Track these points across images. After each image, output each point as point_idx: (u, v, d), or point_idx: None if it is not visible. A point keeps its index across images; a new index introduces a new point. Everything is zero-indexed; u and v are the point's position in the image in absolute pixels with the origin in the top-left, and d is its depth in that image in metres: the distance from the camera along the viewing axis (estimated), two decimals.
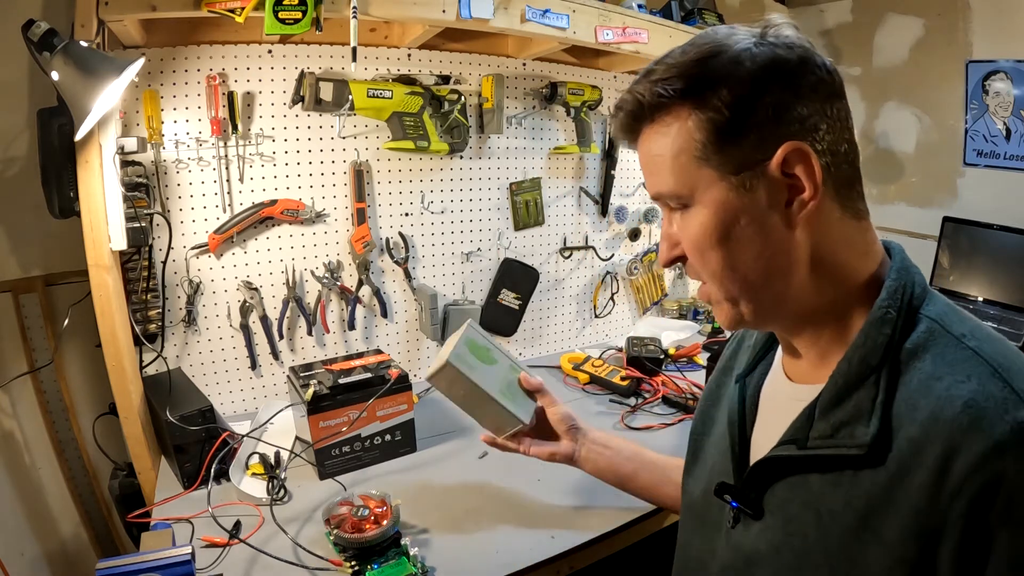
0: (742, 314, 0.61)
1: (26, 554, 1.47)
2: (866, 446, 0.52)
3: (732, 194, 0.56)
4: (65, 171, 1.12)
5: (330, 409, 1.18)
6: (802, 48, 0.56)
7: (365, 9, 1.18)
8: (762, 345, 0.74)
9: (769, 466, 0.61)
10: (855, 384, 0.55)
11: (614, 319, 2.05)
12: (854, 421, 0.54)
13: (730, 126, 0.54)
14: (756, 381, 0.71)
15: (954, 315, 0.56)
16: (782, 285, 0.58)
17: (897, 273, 0.58)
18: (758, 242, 0.57)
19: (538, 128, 1.77)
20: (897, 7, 2.32)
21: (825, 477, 0.55)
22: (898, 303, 0.56)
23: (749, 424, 0.69)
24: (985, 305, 2.04)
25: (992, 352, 0.51)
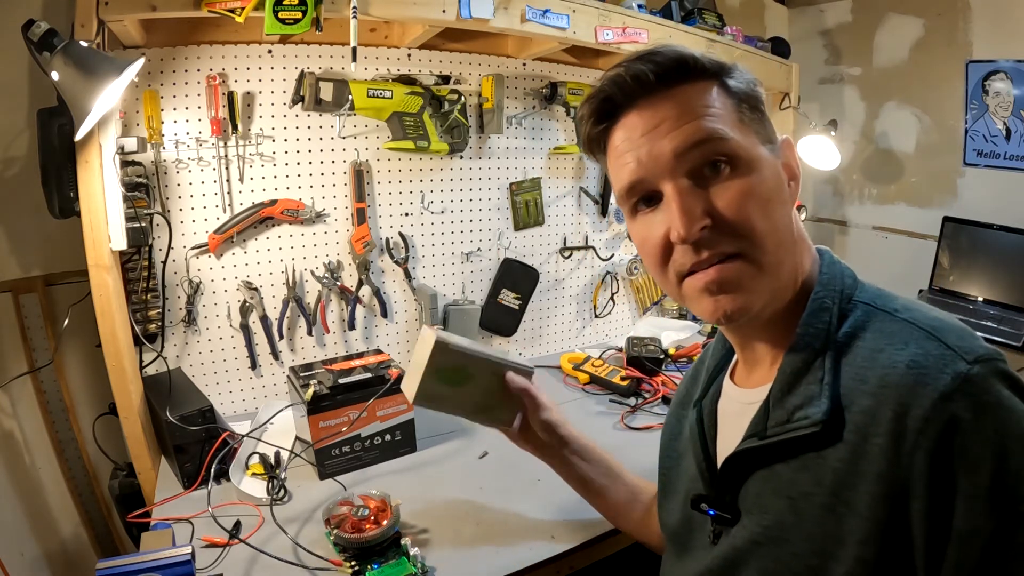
0: (760, 291, 0.59)
1: (26, 554, 1.47)
2: (820, 423, 0.55)
3: (773, 159, 0.61)
4: (65, 171, 1.12)
5: (330, 409, 1.18)
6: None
7: (365, 9, 1.18)
8: (714, 368, 0.77)
9: (736, 463, 0.63)
10: (802, 371, 0.58)
11: (614, 319, 2.05)
12: (806, 404, 0.57)
13: (752, 106, 0.62)
14: (711, 401, 0.74)
15: (884, 297, 0.60)
16: (790, 258, 0.61)
17: (828, 268, 0.63)
18: (788, 209, 0.61)
19: (538, 128, 1.77)
20: (897, 7, 2.32)
21: (791, 464, 0.58)
22: (832, 293, 0.61)
23: (711, 442, 0.71)
24: (985, 305, 2.04)
25: (924, 319, 0.55)
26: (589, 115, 0.64)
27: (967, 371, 0.49)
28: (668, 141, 0.58)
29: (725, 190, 0.57)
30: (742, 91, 0.61)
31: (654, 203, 0.61)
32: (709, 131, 0.58)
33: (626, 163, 0.61)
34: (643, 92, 0.60)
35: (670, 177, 0.58)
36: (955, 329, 0.54)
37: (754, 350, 0.67)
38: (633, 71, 0.59)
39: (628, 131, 0.61)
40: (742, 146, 0.58)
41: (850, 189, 2.59)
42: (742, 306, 0.59)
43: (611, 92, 0.61)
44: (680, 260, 0.59)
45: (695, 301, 0.61)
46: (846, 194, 2.61)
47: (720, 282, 0.58)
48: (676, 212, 0.57)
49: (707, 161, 0.58)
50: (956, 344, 0.51)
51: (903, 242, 2.44)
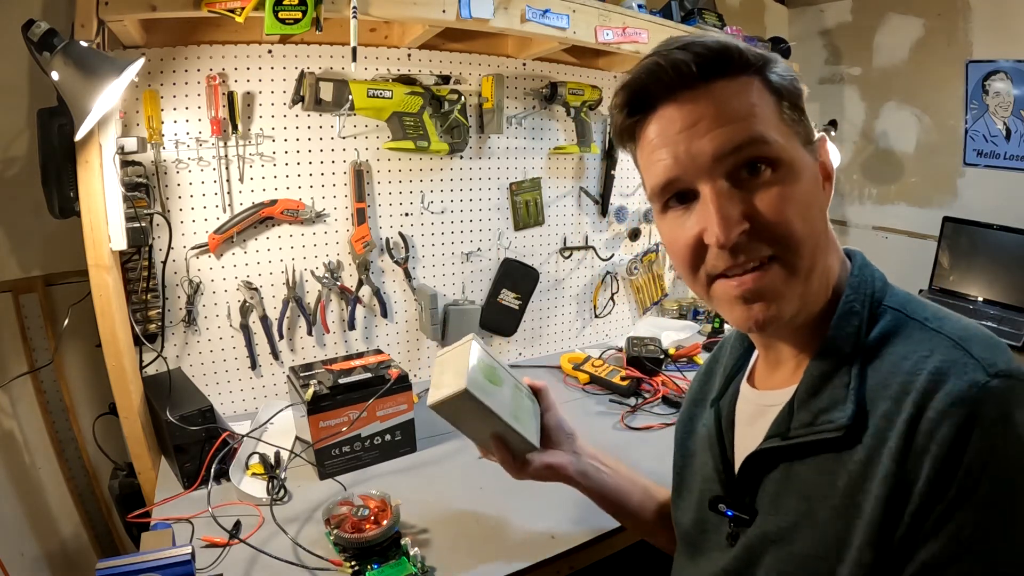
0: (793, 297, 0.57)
1: (26, 554, 1.47)
2: (843, 428, 0.54)
3: (812, 162, 0.59)
4: (65, 171, 1.12)
5: (330, 409, 1.18)
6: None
7: (365, 9, 1.18)
8: (732, 367, 0.75)
9: (756, 462, 0.62)
10: (829, 374, 0.58)
11: (614, 319, 2.05)
12: (831, 408, 0.56)
13: (793, 101, 0.59)
14: (729, 402, 0.73)
15: (915, 303, 0.59)
16: (823, 261, 0.59)
17: (859, 271, 0.62)
18: (824, 213, 0.60)
19: (538, 128, 1.77)
20: (897, 7, 2.32)
21: (810, 464, 0.57)
22: (862, 297, 0.59)
23: (728, 443, 0.70)
24: (985, 305, 2.04)
25: (952, 328, 0.54)
26: (623, 104, 0.61)
27: (985, 382, 0.48)
28: (708, 141, 0.55)
29: (765, 194, 0.55)
30: (784, 87, 0.58)
31: (688, 201, 0.59)
32: (752, 134, 0.55)
33: (661, 159, 0.58)
34: (682, 84, 0.57)
35: (708, 178, 0.56)
36: (983, 340, 0.52)
37: (778, 352, 0.66)
38: (672, 60, 0.56)
39: (664, 125, 0.58)
40: (784, 149, 0.56)
41: (850, 189, 2.59)
42: (775, 315, 0.57)
43: (648, 82, 0.58)
44: (713, 263, 0.58)
45: (726, 306, 0.59)
46: (846, 194, 2.61)
47: (757, 290, 0.56)
48: (714, 215, 0.55)
49: (747, 163, 0.56)
50: (981, 355, 0.50)
51: (903, 242, 2.44)
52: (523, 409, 0.86)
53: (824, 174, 0.61)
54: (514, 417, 0.82)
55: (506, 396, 0.83)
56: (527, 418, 0.86)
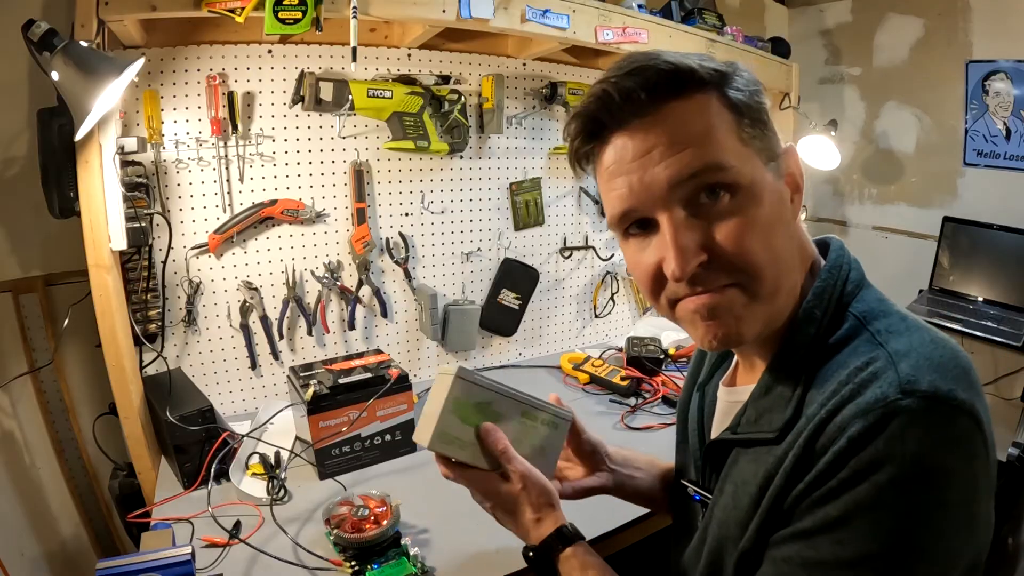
0: (755, 319, 0.57)
1: (26, 554, 1.47)
2: (778, 430, 0.57)
3: (773, 181, 0.57)
4: (65, 171, 1.12)
5: (330, 409, 1.18)
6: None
7: (365, 9, 1.18)
8: (719, 355, 0.77)
9: (713, 450, 0.67)
10: (779, 379, 0.59)
11: (614, 319, 2.05)
12: (774, 409, 0.58)
13: (754, 117, 0.57)
14: (713, 389, 0.76)
15: (877, 312, 0.58)
16: (789, 283, 0.59)
17: (828, 273, 0.60)
18: (790, 230, 0.59)
19: (538, 128, 1.77)
20: (897, 7, 2.32)
21: (748, 455, 0.61)
22: (824, 303, 0.59)
23: (708, 428, 0.74)
24: (985, 305, 2.04)
25: (896, 344, 0.53)
26: (576, 133, 0.60)
27: (895, 398, 0.48)
28: (662, 169, 0.54)
29: (724, 224, 0.54)
30: (743, 102, 0.56)
31: (647, 228, 0.58)
32: (707, 161, 0.53)
33: (616, 188, 0.57)
34: (633, 111, 0.55)
35: (664, 207, 0.55)
36: (923, 360, 0.50)
37: (751, 358, 0.67)
38: (621, 88, 0.54)
39: (618, 153, 0.56)
40: (742, 173, 0.54)
41: (850, 189, 2.59)
42: (735, 333, 0.57)
43: (597, 111, 0.57)
44: (673, 289, 0.57)
45: (688, 324, 0.60)
46: (846, 194, 2.61)
47: (712, 308, 0.56)
48: (671, 248, 0.54)
49: (705, 188, 0.54)
50: (906, 373, 0.49)
51: (903, 242, 2.44)
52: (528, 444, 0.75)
53: (792, 187, 0.60)
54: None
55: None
56: (533, 455, 0.74)
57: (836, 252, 0.63)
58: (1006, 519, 1.31)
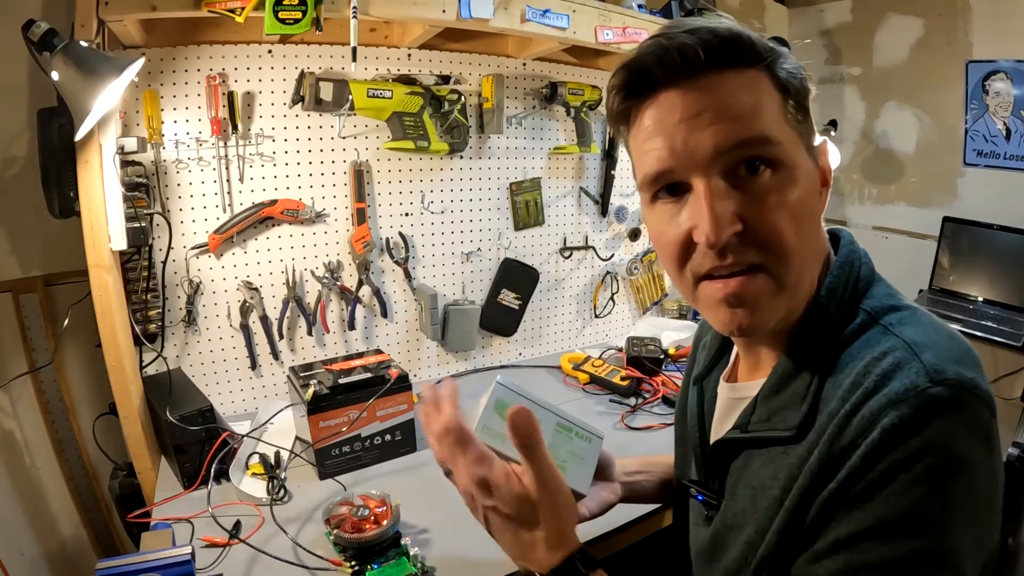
0: (777, 309, 0.56)
1: (26, 554, 1.47)
2: (794, 428, 0.55)
3: (812, 167, 0.57)
4: (65, 171, 1.12)
5: (330, 409, 1.18)
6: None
7: (365, 9, 1.18)
8: (716, 348, 0.76)
9: (720, 451, 0.65)
10: (792, 374, 0.58)
11: (614, 319, 2.05)
12: (788, 407, 0.57)
13: (800, 100, 0.56)
14: (713, 384, 0.74)
15: (890, 306, 0.58)
16: (811, 275, 0.58)
17: (839, 269, 0.60)
18: (818, 222, 0.58)
19: (538, 128, 1.77)
20: (897, 7, 2.32)
21: (762, 456, 0.59)
22: (836, 299, 0.58)
23: (708, 425, 0.72)
24: (985, 305, 2.04)
25: (912, 334, 0.53)
26: (621, 85, 0.58)
27: (925, 387, 0.47)
28: (710, 135, 0.52)
29: (762, 197, 0.53)
30: (792, 84, 0.56)
31: (679, 194, 0.56)
32: (756, 133, 0.52)
33: (655, 148, 0.55)
34: (687, 71, 0.53)
35: (704, 173, 0.53)
36: (940, 348, 0.51)
37: (758, 353, 0.66)
38: (679, 44, 0.53)
39: (663, 112, 0.55)
40: (787, 151, 0.54)
41: (850, 189, 2.60)
42: (758, 323, 0.56)
43: (650, 64, 0.54)
44: (700, 261, 0.56)
45: (710, 308, 0.58)
46: (846, 194, 2.61)
47: (740, 296, 0.55)
48: (707, 213, 0.52)
49: (747, 161, 0.53)
50: (930, 361, 0.49)
51: (903, 242, 2.44)
52: (565, 451, 0.79)
53: (823, 180, 0.59)
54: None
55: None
56: (570, 461, 0.79)
57: (847, 247, 0.62)
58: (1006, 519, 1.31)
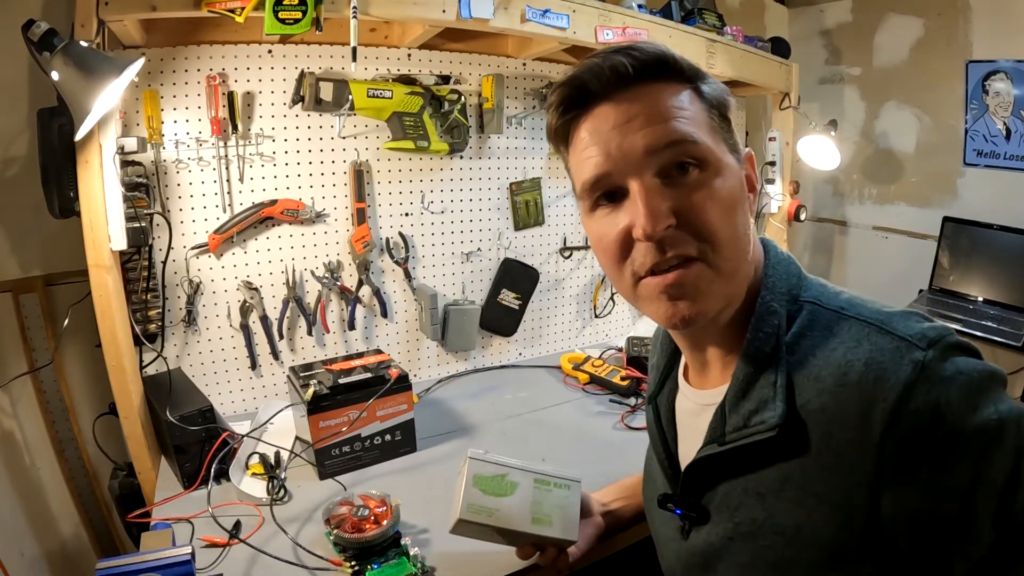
0: (717, 296, 0.59)
1: (26, 554, 1.47)
2: (776, 427, 0.56)
3: (738, 168, 0.62)
4: (65, 171, 1.12)
5: (330, 409, 1.18)
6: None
7: (365, 9, 1.18)
8: (664, 365, 0.78)
9: (700, 468, 0.65)
10: (754, 376, 0.59)
11: (614, 319, 2.05)
12: (761, 408, 0.58)
13: (722, 115, 0.62)
14: (667, 399, 0.76)
15: (828, 293, 0.61)
16: (745, 264, 0.61)
17: (774, 268, 0.64)
18: (747, 217, 0.62)
19: (538, 128, 1.77)
20: (897, 7, 2.32)
21: (757, 465, 0.59)
22: (779, 296, 0.61)
23: (671, 440, 0.73)
24: (985, 305, 2.04)
25: (870, 313, 0.56)
26: (559, 102, 0.62)
27: (923, 358, 0.51)
28: (640, 137, 0.57)
29: (692, 191, 0.57)
30: (714, 98, 0.61)
31: (616, 200, 0.60)
32: (683, 133, 0.57)
33: (592, 156, 0.59)
34: (619, 84, 0.58)
35: (637, 174, 0.57)
36: (901, 317, 0.55)
37: (704, 353, 0.67)
38: (612, 62, 0.58)
39: (598, 123, 0.59)
40: (712, 151, 0.58)
41: (850, 189, 2.59)
42: (699, 311, 0.59)
43: (586, 80, 0.59)
44: (640, 260, 0.58)
45: (650, 303, 0.61)
46: (846, 194, 2.61)
47: (680, 285, 0.58)
48: (642, 209, 0.56)
49: (677, 162, 0.57)
50: (907, 333, 0.53)
51: (903, 242, 2.44)
52: (548, 505, 0.84)
53: (749, 185, 0.64)
54: (533, 520, 0.82)
55: (520, 502, 0.82)
56: (555, 513, 0.84)
57: (775, 249, 0.67)
58: None
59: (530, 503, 0.83)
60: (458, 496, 0.82)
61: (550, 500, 0.84)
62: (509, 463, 0.85)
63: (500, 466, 0.84)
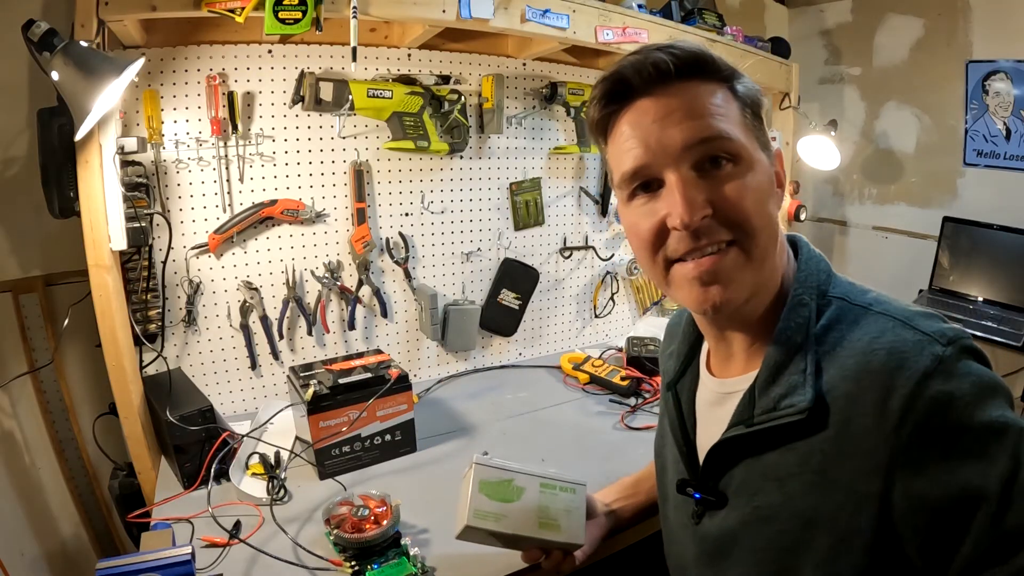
0: (747, 283, 0.61)
1: (26, 554, 1.47)
2: (806, 410, 0.58)
3: (768, 164, 0.64)
4: (65, 171, 1.12)
5: (330, 409, 1.18)
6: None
7: (365, 9, 1.18)
8: (686, 353, 0.79)
9: (724, 450, 0.66)
10: (785, 362, 0.61)
11: (614, 319, 2.05)
12: (791, 393, 0.60)
13: (755, 112, 0.65)
14: (688, 387, 0.77)
15: (856, 291, 0.64)
16: (774, 253, 0.64)
17: (805, 264, 0.66)
18: (777, 211, 0.64)
19: (538, 128, 1.77)
20: (897, 7, 2.32)
21: (779, 450, 0.61)
22: (810, 290, 0.64)
23: (691, 428, 0.75)
24: (985, 305, 2.04)
25: (895, 310, 0.59)
26: (602, 95, 0.65)
27: (942, 353, 0.53)
28: (679, 131, 0.60)
29: (727, 184, 0.60)
30: (749, 97, 0.64)
31: (652, 190, 0.63)
32: (719, 129, 0.60)
33: (632, 148, 0.62)
34: (660, 80, 0.61)
35: (675, 166, 0.60)
36: (925, 316, 0.58)
37: (729, 343, 0.69)
38: (653, 59, 0.61)
39: (638, 116, 0.62)
40: (745, 147, 0.61)
41: (850, 189, 2.59)
42: (730, 297, 0.61)
43: (629, 75, 0.62)
44: (675, 246, 0.61)
45: (683, 289, 0.63)
46: (846, 194, 2.61)
47: (714, 272, 0.60)
48: (679, 199, 0.59)
49: (712, 155, 0.60)
50: (930, 330, 0.55)
51: (903, 242, 2.44)
52: (555, 509, 0.84)
53: (778, 182, 0.66)
54: (540, 525, 0.82)
55: (526, 506, 0.82)
56: (561, 516, 0.84)
57: (807, 247, 0.69)
58: None
59: (537, 507, 0.83)
60: (464, 502, 0.81)
61: (556, 504, 0.84)
62: (515, 468, 0.85)
63: (506, 471, 0.84)
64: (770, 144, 0.66)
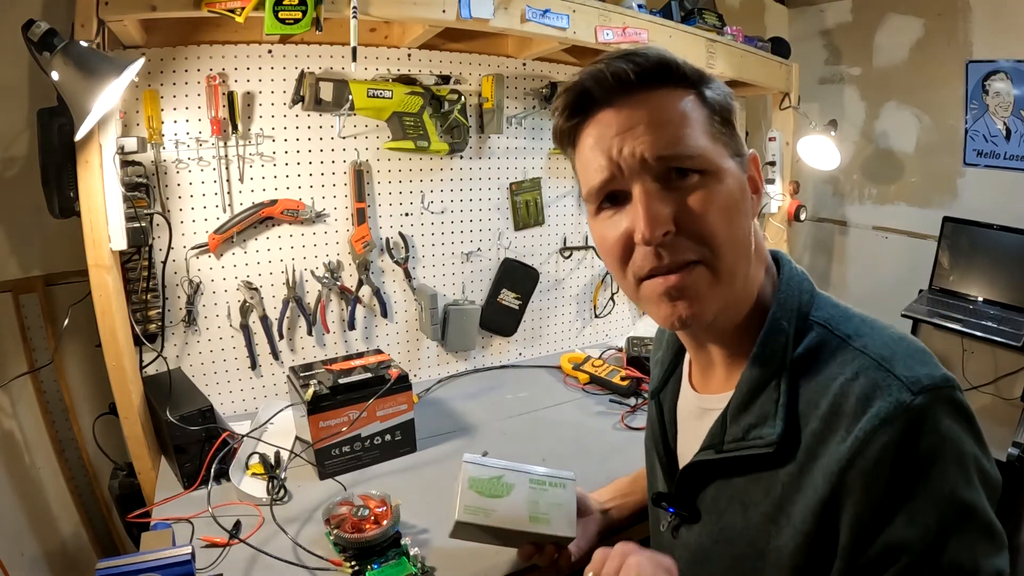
0: (715, 298, 0.60)
1: (26, 554, 1.47)
2: (774, 444, 0.58)
3: (739, 172, 0.62)
4: (65, 171, 1.12)
5: (330, 409, 1.18)
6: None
7: (365, 9, 1.18)
8: (669, 361, 0.79)
9: (694, 471, 0.67)
10: (758, 390, 0.61)
11: (614, 319, 2.05)
12: (761, 423, 0.60)
13: (724, 118, 0.62)
14: (671, 397, 0.77)
15: (839, 317, 0.62)
16: (746, 268, 0.62)
17: (786, 284, 0.64)
18: (748, 220, 0.63)
19: (538, 128, 1.77)
20: (897, 7, 2.32)
21: (746, 475, 0.62)
22: (788, 313, 0.62)
23: (672, 438, 0.75)
24: (985, 305, 2.04)
25: (876, 347, 0.57)
26: (563, 107, 0.63)
27: (909, 401, 0.51)
28: (641, 144, 0.58)
29: (691, 196, 0.58)
30: (717, 102, 0.62)
31: (619, 203, 0.61)
32: (683, 140, 0.58)
33: (597, 160, 0.61)
34: (622, 90, 0.59)
35: (639, 179, 0.59)
36: (905, 357, 0.55)
37: (708, 354, 0.69)
38: (614, 68, 0.59)
39: (602, 128, 0.60)
40: (711, 157, 0.59)
41: (850, 189, 2.60)
42: (697, 313, 0.60)
43: (589, 86, 0.60)
44: (640, 263, 0.60)
45: (652, 304, 0.62)
46: (846, 194, 2.61)
47: (680, 288, 0.59)
48: (642, 214, 0.57)
49: (676, 167, 0.58)
50: (903, 374, 0.53)
51: (903, 242, 2.44)
52: (545, 503, 0.85)
53: (752, 187, 0.64)
54: (531, 519, 0.83)
55: (516, 502, 0.84)
56: (552, 510, 0.85)
57: (788, 264, 0.67)
58: (1007, 519, 1.31)
59: (527, 502, 0.84)
60: (455, 500, 0.83)
61: (546, 499, 0.85)
62: (504, 465, 0.87)
63: (495, 468, 0.86)
64: (742, 149, 0.64)
